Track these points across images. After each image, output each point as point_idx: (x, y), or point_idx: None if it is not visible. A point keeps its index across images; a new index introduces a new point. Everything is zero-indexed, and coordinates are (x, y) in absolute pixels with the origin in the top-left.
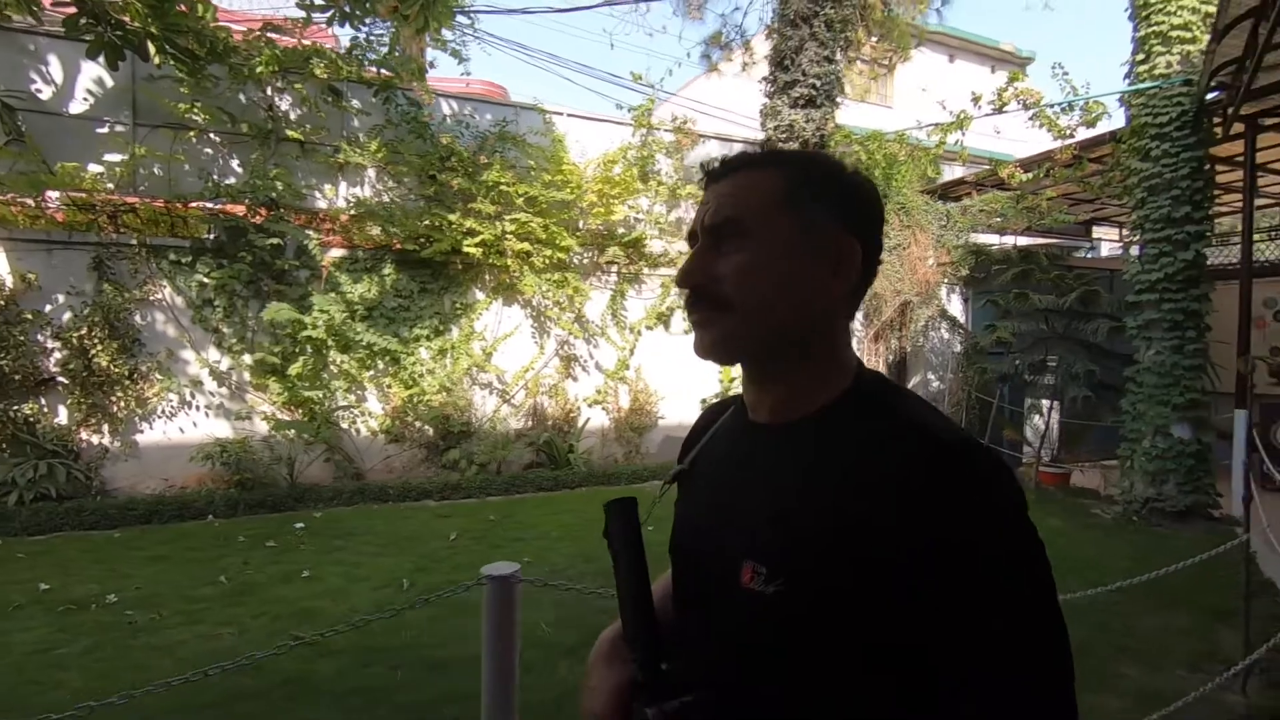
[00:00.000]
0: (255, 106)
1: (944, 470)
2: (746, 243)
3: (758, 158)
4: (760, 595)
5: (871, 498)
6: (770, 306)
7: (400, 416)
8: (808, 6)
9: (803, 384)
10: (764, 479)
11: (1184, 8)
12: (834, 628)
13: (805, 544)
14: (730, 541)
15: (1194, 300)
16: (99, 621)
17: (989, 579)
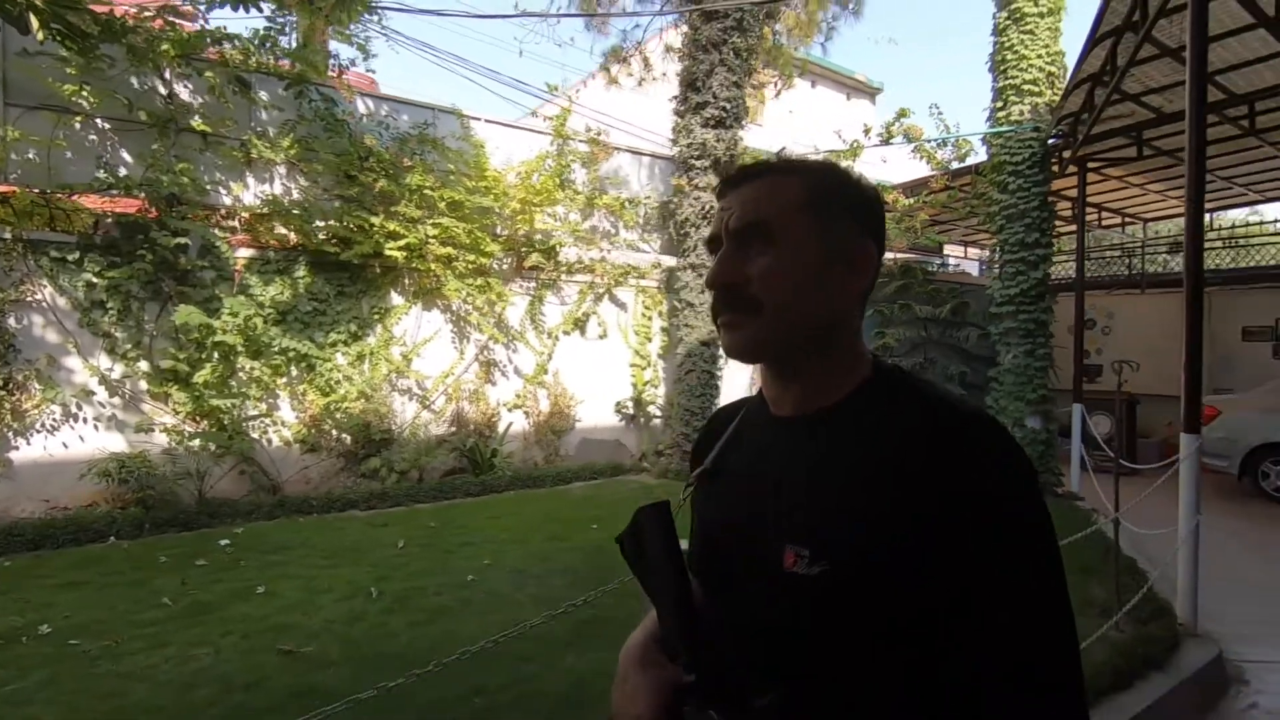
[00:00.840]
0: (151, 93)
1: (977, 448)
2: (772, 246)
3: (777, 166)
4: (805, 578)
5: (902, 475)
6: (797, 306)
7: (317, 425)
8: (718, 34)
9: (826, 377)
10: (796, 467)
11: (1033, 66)
12: (877, 603)
13: (844, 525)
14: (768, 530)
15: (1043, 312)
16: (42, 653)
17: (1014, 544)
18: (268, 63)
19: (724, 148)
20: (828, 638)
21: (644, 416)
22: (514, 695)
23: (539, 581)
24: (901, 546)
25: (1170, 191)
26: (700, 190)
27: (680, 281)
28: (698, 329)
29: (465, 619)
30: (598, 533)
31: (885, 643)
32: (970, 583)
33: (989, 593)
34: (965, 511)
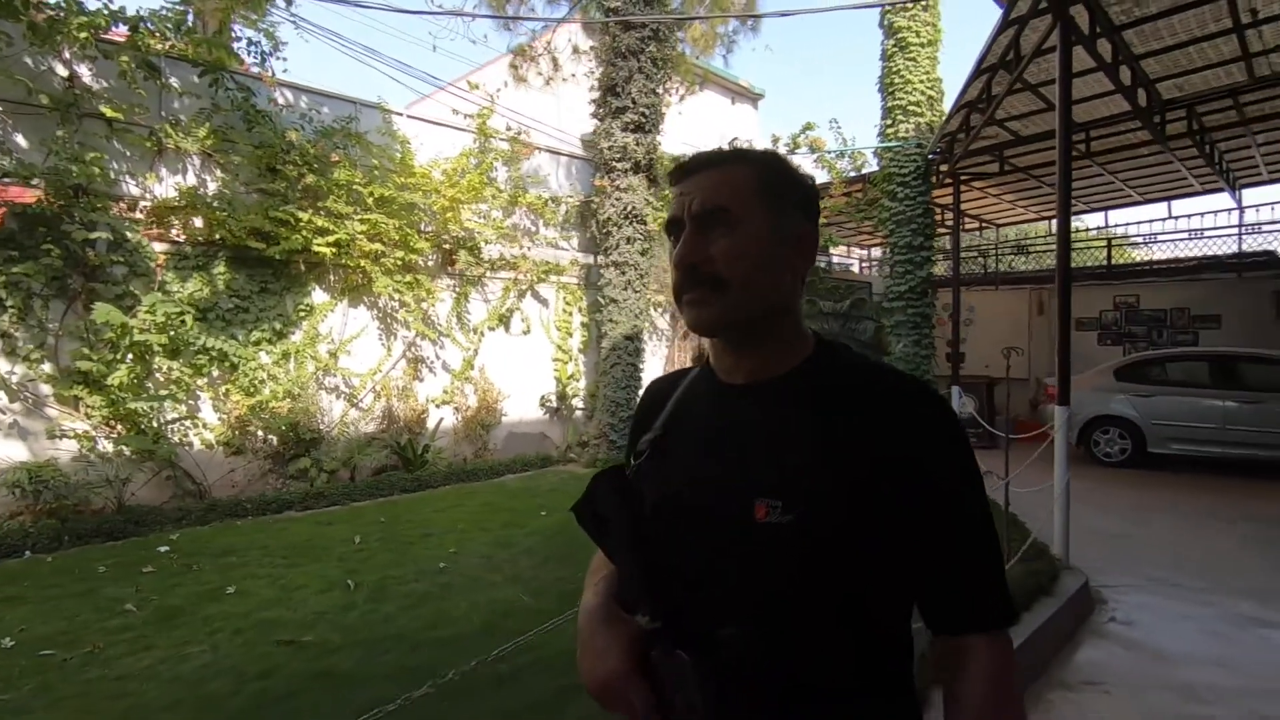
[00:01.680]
0: (48, 75)
1: (912, 403)
2: (732, 229)
3: (730, 155)
4: (778, 526)
5: (857, 430)
6: (755, 283)
7: (242, 426)
8: (636, 43)
9: (776, 348)
10: (757, 429)
11: (916, 89)
12: (841, 541)
13: (809, 476)
14: (736, 487)
15: (927, 306)
16: (17, 665)
17: (951, 481)
18: (183, 48)
19: (644, 151)
20: (798, 574)
21: (567, 409)
22: (526, 660)
23: (509, 564)
24: (861, 490)
25: (1019, 201)
26: (622, 191)
27: (604, 278)
28: (621, 324)
29: (452, 601)
30: (547, 519)
31: (844, 573)
32: (919, 510)
33: (937, 516)
34: (910, 457)
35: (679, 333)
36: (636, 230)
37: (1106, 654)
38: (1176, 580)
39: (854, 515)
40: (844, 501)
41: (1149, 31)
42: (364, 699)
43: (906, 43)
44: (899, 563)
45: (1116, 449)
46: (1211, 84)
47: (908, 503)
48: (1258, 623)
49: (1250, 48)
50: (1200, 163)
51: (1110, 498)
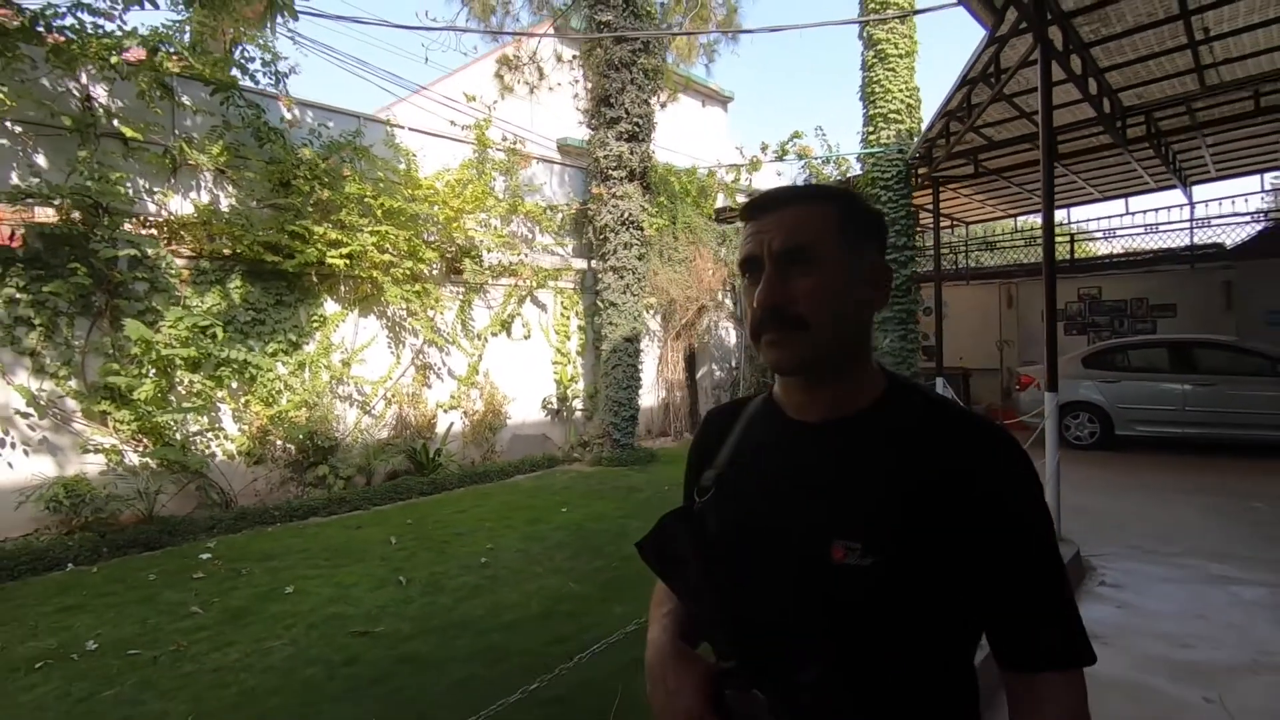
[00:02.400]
0: (65, 97)
1: (987, 443)
2: (813, 268)
3: (808, 192)
4: (857, 569)
5: (933, 471)
6: (837, 323)
7: (262, 436)
8: (628, 55)
9: (850, 386)
10: (832, 469)
11: (896, 98)
12: (921, 584)
13: (888, 518)
14: (812, 528)
15: (912, 303)
16: (110, 665)
17: (1026, 520)
18: (199, 68)
19: (638, 159)
20: (877, 616)
21: (567, 411)
22: (590, 637)
23: (545, 557)
24: (939, 532)
25: (989, 200)
26: (618, 199)
27: (602, 283)
28: (620, 326)
29: (503, 591)
30: (569, 515)
31: (921, 615)
32: (996, 550)
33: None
34: (988, 497)
35: (670, 333)
36: (633, 236)
37: (1100, 612)
38: (1152, 547)
39: (932, 557)
40: (922, 544)
41: (1114, 48)
42: (452, 679)
43: (886, 54)
44: (973, 602)
45: (1086, 432)
46: (1168, 93)
47: (984, 543)
48: (1226, 580)
49: (1202, 61)
50: (1156, 163)
51: (1085, 478)
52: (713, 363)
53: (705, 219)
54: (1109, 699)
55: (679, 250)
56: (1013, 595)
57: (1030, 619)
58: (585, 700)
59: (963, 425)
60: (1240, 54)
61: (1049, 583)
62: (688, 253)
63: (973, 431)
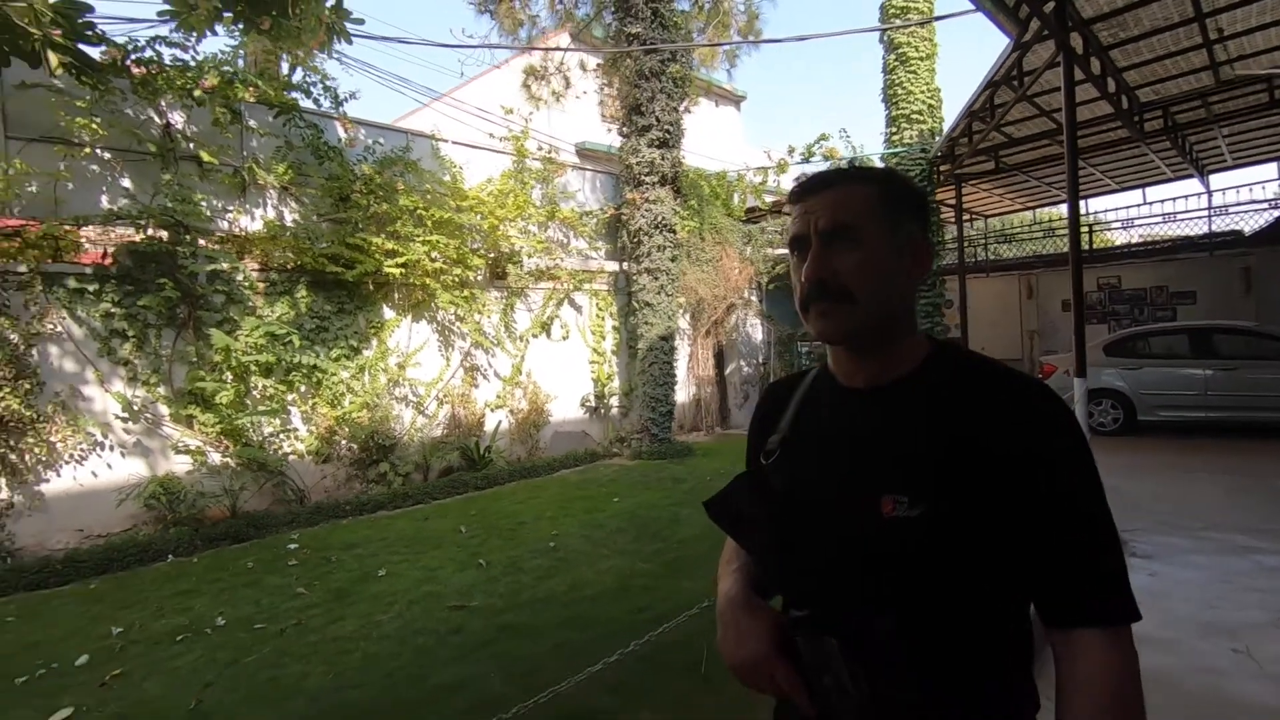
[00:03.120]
0: (148, 124)
1: (1029, 399)
2: (856, 244)
3: (852, 174)
4: (906, 520)
5: (976, 426)
6: (879, 293)
7: (329, 436)
8: (657, 65)
9: (895, 353)
10: (881, 430)
11: (918, 99)
12: (968, 533)
13: (933, 472)
14: (863, 484)
15: (936, 296)
16: (240, 638)
17: (1069, 474)
18: (269, 93)
19: (669, 165)
20: (931, 566)
21: (604, 408)
22: (667, 608)
23: (608, 541)
24: (983, 484)
25: (1008, 194)
26: (651, 203)
27: (637, 284)
28: (656, 325)
29: (577, 570)
30: (621, 504)
31: (969, 564)
32: (1038, 502)
33: (1055, 508)
34: (1030, 450)
35: (700, 331)
36: (666, 238)
37: (1134, 578)
38: (1179, 523)
39: (976, 508)
40: (966, 495)
41: (1131, 49)
42: (550, 643)
43: (907, 57)
44: (1019, 554)
45: (1109, 419)
46: (1184, 89)
47: (1027, 495)
48: (1251, 550)
49: (1217, 58)
50: (1173, 154)
51: (1111, 461)
52: (741, 359)
53: (732, 219)
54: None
55: (706, 250)
56: (1055, 549)
57: (1073, 574)
58: (675, 657)
59: (1006, 385)
60: (1254, 50)
61: (1093, 538)
62: (714, 253)
63: (1017, 391)
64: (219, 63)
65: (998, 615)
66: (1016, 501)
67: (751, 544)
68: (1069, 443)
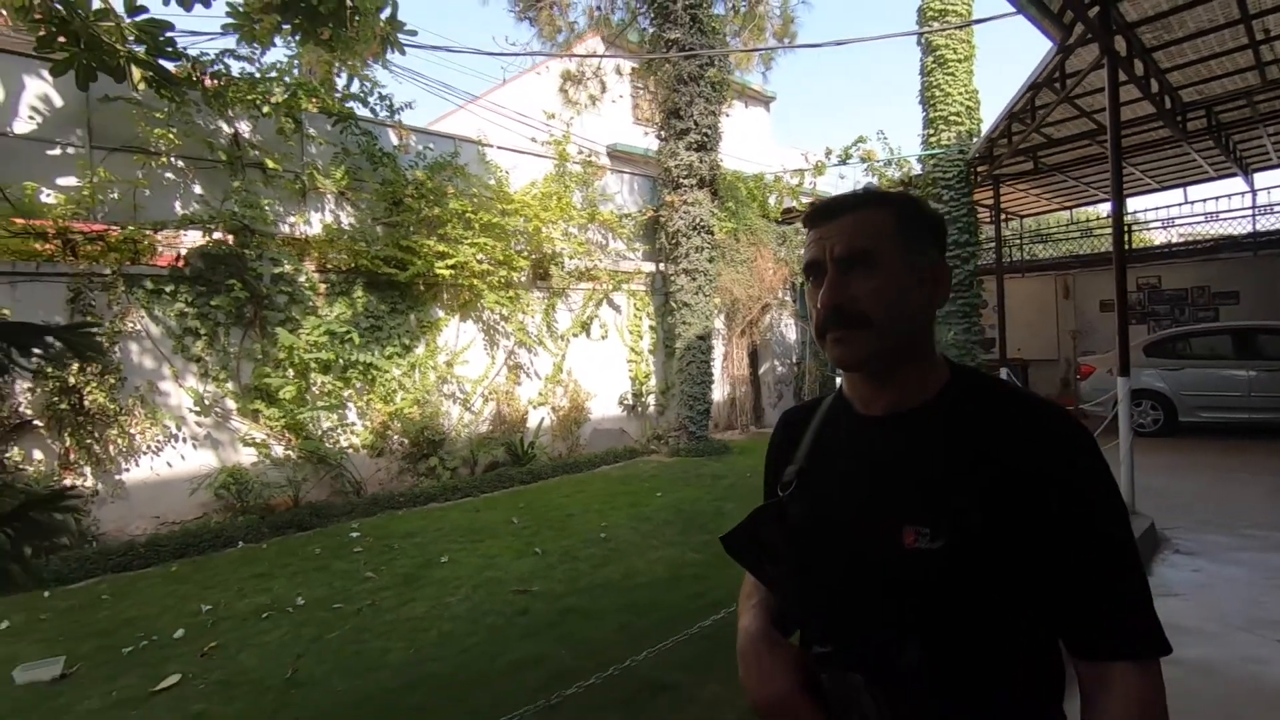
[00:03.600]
0: (216, 133)
1: (1050, 427)
2: (875, 269)
3: (867, 198)
4: (927, 552)
5: (997, 456)
6: (898, 320)
7: (382, 431)
8: (695, 70)
9: (914, 380)
10: (900, 459)
11: (956, 101)
12: (990, 566)
13: (954, 502)
14: (884, 515)
15: (974, 297)
16: (321, 616)
17: (1093, 503)
18: (330, 103)
19: (707, 168)
20: (954, 598)
21: (641, 406)
22: (721, 595)
23: (657, 533)
24: (1004, 515)
25: (1044, 194)
26: (689, 205)
27: (675, 285)
28: (694, 325)
29: (629, 560)
30: (664, 498)
31: (994, 597)
32: (1062, 532)
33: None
34: (1053, 480)
35: (735, 331)
36: (703, 240)
37: (1177, 575)
38: (1222, 521)
39: (999, 539)
40: (989, 526)
41: (1175, 51)
42: (613, 625)
43: (945, 59)
44: (1045, 586)
45: (1149, 419)
46: (1229, 88)
47: (1051, 525)
48: None
49: (1263, 58)
50: (1216, 153)
51: (1152, 461)
52: (775, 358)
53: (766, 221)
54: (1188, 643)
55: (740, 251)
56: (1080, 578)
57: (1100, 606)
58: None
59: (1026, 410)
60: None
61: (1119, 566)
62: (749, 253)
63: (1036, 416)
64: (281, 72)
65: (1026, 646)
66: (1040, 530)
67: (771, 577)
68: (1091, 469)
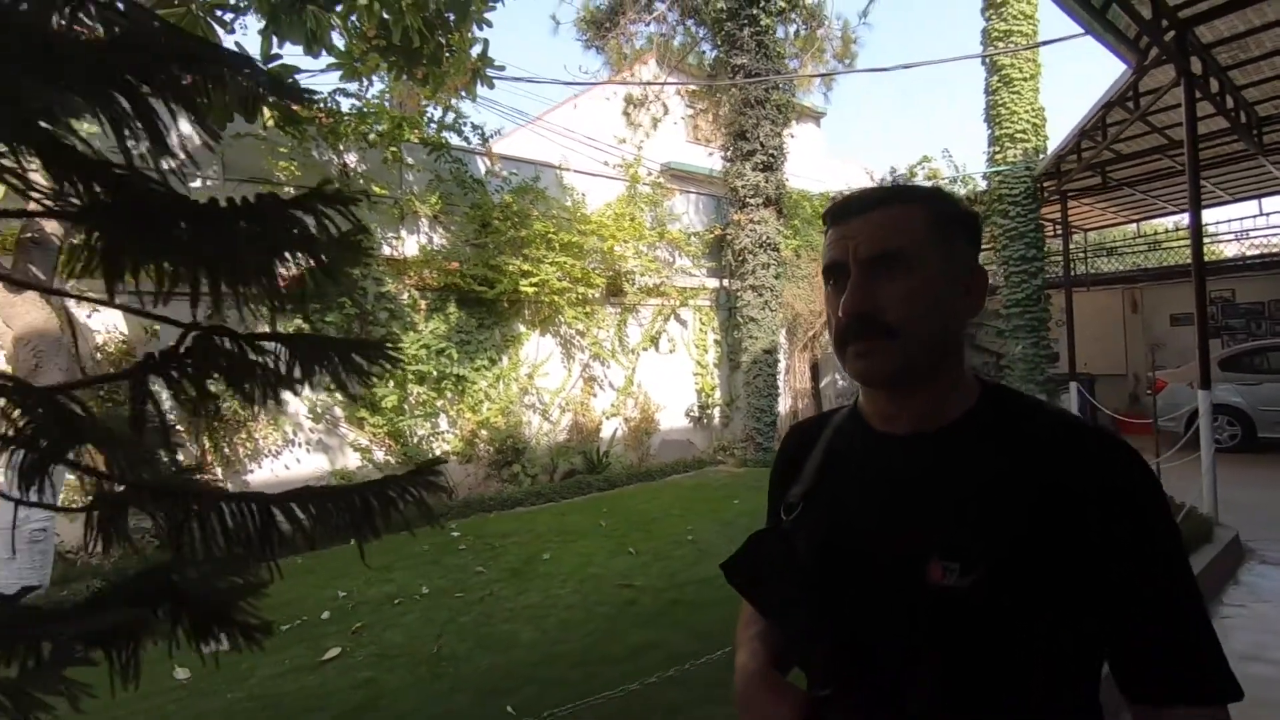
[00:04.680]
0: (327, 163)
1: (1095, 451)
2: (905, 273)
3: (895, 193)
4: (957, 590)
5: (1037, 483)
6: (930, 330)
7: (470, 439)
8: (761, 93)
9: (941, 396)
10: (926, 484)
11: (1021, 119)
12: (1029, 605)
13: (989, 535)
14: (907, 546)
15: (1042, 311)
16: (451, 603)
17: (1147, 533)
18: (431, 136)
19: (773, 187)
20: (984, 641)
21: (707, 418)
22: None
23: (740, 535)
24: (1046, 550)
25: (1111, 208)
26: (755, 223)
27: (741, 300)
28: (760, 340)
29: (722, 557)
30: (742, 505)
31: (1030, 640)
32: (1113, 569)
33: (1133, 574)
34: (1099, 509)
35: (797, 345)
36: (770, 257)
37: (1267, 583)
38: None
39: (1040, 578)
40: (1028, 563)
41: (1251, 69)
42: (718, 615)
43: (1010, 78)
44: (1091, 626)
45: (1226, 435)
46: None
47: (1101, 563)
48: None
49: None
50: None
51: (1232, 477)
52: (836, 372)
53: None
54: None
55: (802, 268)
56: (1138, 621)
57: (1160, 648)
58: None
59: (1068, 431)
60: None
61: (1179, 607)
62: (810, 269)
63: (1080, 441)
64: (381, 108)
65: (1061, 694)
66: (1091, 569)
67: (771, 610)
68: (1150, 503)
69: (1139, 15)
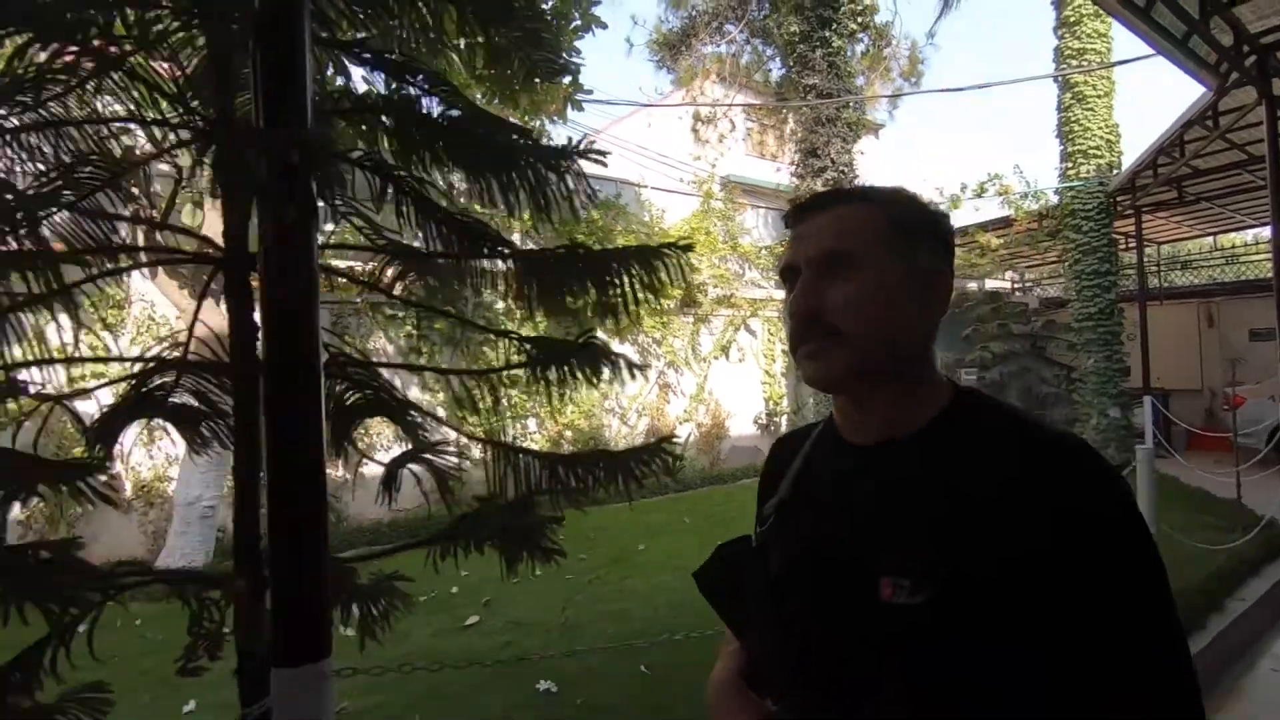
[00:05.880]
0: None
1: (1067, 464)
2: (854, 273)
3: (852, 193)
4: (906, 608)
5: (1000, 497)
6: (878, 334)
7: (556, 440)
8: (833, 112)
9: (905, 405)
10: (883, 497)
11: (1095, 135)
12: (980, 626)
13: (945, 552)
14: (860, 561)
15: (1115, 325)
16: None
17: (1120, 557)
18: None
19: None
20: (936, 661)
21: (774, 426)
22: None
23: None
24: (1003, 569)
25: (1186, 221)
26: None
27: None
28: None
29: None
30: None
31: (987, 664)
32: (1080, 596)
33: (1101, 604)
34: (1069, 529)
35: None
36: None
37: None
38: None
39: (994, 596)
40: (984, 582)
41: None
42: None
43: (1084, 95)
44: (1054, 652)
45: None
46: None
47: (1065, 585)
48: None
49: None
50: None
51: None
52: None
53: None
54: None
55: None
56: (1096, 638)
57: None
58: None
59: (1037, 443)
60: None
61: (1150, 635)
62: None
63: (1048, 450)
64: None
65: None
66: (1052, 591)
67: (736, 622)
68: (1118, 514)
69: (1218, 44)
